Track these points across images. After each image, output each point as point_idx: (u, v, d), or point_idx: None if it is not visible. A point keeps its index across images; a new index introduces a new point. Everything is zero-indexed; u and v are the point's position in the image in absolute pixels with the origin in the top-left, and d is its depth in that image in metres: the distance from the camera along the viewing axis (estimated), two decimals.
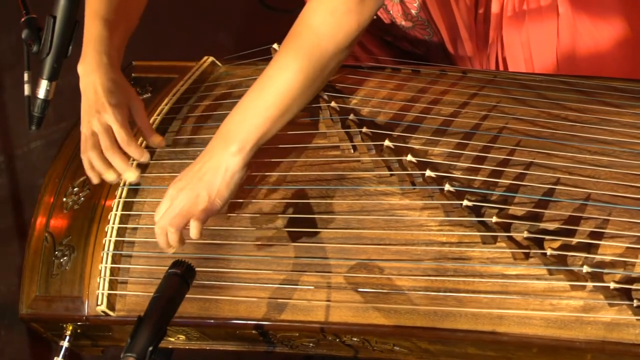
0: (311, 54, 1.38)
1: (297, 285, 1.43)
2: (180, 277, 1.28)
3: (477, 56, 1.80)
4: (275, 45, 1.56)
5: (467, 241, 1.37)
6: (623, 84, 1.50)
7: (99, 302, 1.52)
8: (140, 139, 1.61)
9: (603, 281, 1.26)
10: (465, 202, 1.35)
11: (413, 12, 1.73)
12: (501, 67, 1.78)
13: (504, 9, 1.72)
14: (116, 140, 1.53)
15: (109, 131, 1.52)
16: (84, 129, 1.54)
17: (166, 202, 1.44)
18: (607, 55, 1.69)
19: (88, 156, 1.53)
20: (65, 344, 1.58)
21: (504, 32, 1.74)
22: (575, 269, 1.28)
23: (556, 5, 1.69)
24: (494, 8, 1.73)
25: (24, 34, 1.50)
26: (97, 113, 1.52)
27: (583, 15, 1.68)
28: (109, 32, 1.56)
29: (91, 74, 1.53)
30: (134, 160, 1.57)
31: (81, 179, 1.64)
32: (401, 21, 1.77)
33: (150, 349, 1.20)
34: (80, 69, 1.55)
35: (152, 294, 1.27)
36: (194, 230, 1.41)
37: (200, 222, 1.41)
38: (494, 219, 1.33)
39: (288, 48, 1.39)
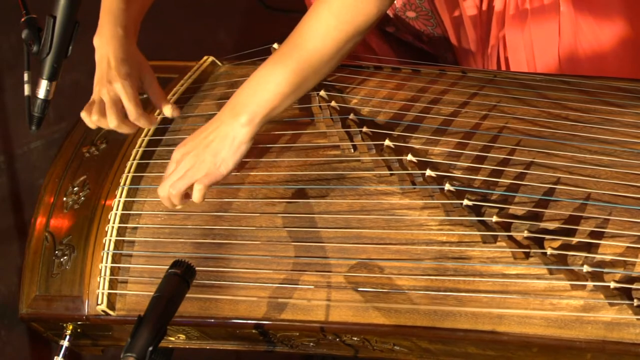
0: (327, 35, 1.38)
1: (297, 284, 1.43)
2: (180, 277, 1.28)
3: (480, 49, 1.80)
4: (275, 45, 1.56)
5: (467, 240, 1.37)
6: (626, 83, 1.50)
7: (99, 302, 1.52)
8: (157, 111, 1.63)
9: (603, 281, 1.26)
10: (465, 202, 1.35)
11: (417, 1, 1.73)
12: (503, 67, 1.78)
13: (507, 7, 1.72)
14: (122, 112, 1.54)
15: (117, 103, 1.53)
16: (94, 96, 1.55)
17: (171, 166, 1.46)
18: (609, 52, 1.69)
19: (91, 118, 1.54)
20: (65, 343, 1.58)
21: (506, 32, 1.74)
22: (576, 268, 1.28)
23: (558, 4, 1.69)
24: (497, 6, 1.73)
25: (24, 34, 1.50)
26: (108, 83, 1.53)
27: (585, 12, 1.68)
28: (125, 5, 1.57)
29: (106, 45, 1.55)
30: None
31: (81, 178, 1.64)
32: (405, 11, 1.77)
33: (150, 348, 1.20)
34: (96, 41, 1.56)
35: (152, 293, 1.27)
36: (197, 194, 1.43)
37: (204, 186, 1.43)
38: (494, 219, 1.33)
39: (306, 28, 1.40)
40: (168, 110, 1.60)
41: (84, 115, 1.55)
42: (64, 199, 1.63)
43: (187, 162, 1.44)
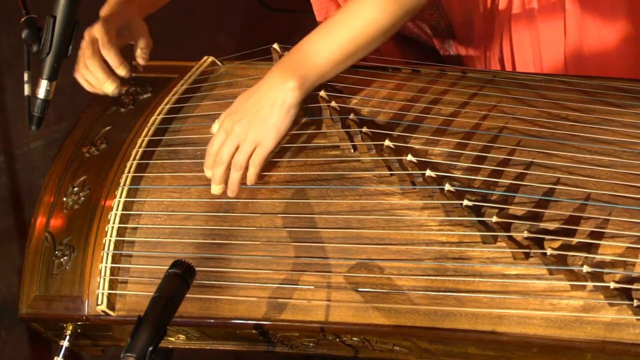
0: (386, 8, 1.41)
1: (297, 285, 1.43)
2: (180, 277, 1.28)
3: (484, 45, 1.79)
4: (275, 45, 1.56)
5: (467, 241, 1.37)
6: (625, 84, 1.50)
7: (99, 302, 1.52)
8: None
9: (603, 281, 1.26)
10: (465, 202, 1.35)
11: None
12: (508, 66, 1.77)
13: (511, 6, 1.72)
14: (99, 53, 1.57)
15: (94, 42, 1.57)
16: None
17: (221, 135, 1.47)
18: (614, 51, 1.69)
19: (78, 71, 1.59)
20: (65, 343, 1.58)
21: (513, 30, 1.74)
22: (576, 268, 1.28)
23: (563, 2, 1.69)
24: (501, 4, 1.73)
25: (24, 34, 1.50)
26: (89, 28, 1.58)
27: (591, 10, 1.68)
28: None
29: (104, 9, 1.61)
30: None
31: (81, 178, 1.64)
32: None
33: (150, 348, 1.20)
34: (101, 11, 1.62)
35: (152, 293, 1.27)
36: (252, 171, 1.46)
37: (259, 164, 1.46)
38: (494, 219, 1.33)
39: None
40: (139, 55, 1.64)
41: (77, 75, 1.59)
42: (64, 199, 1.63)
43: (238, 131, 1.44)
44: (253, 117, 1.44)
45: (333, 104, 1.51)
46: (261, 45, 1.59)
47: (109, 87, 1.59)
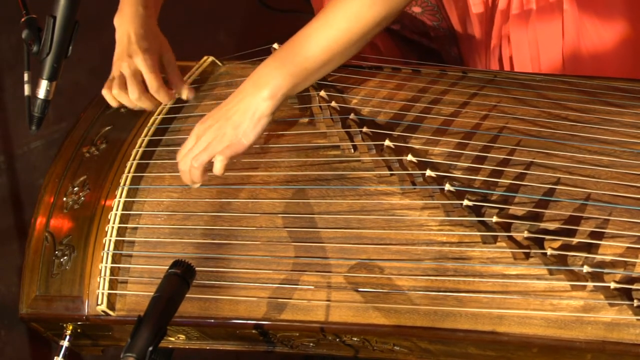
0: (360, 17, 1.40)
1: (297, 285, 1.43)
2: (180, 277, 1.28)
3: (485, 45, 1.80)
4: (275, 45, 1.56)
5: (467, 241, 1.37)
6: (625, 84, 1.50)
7: (99, 302, 1.52)
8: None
9: (603, 281, 1.26)
10: (465, 202, 1.35)
11: None
12: (507, 66, 1.77)
13: (510, 5, 1.72)
14: (144, 86, 1.57)
15: (137, 76, 1.57)
16: (114, 72, 1.58)
17: (192, 140, 1.47)
18: (611, 52, 1.69)
19: (112, 93, 1.57)
20: (65, 343, 1.58)
21: (511, 30, 1.74)
22: (576, 268, 1.28)
23: (562, 3, 1.69)
24: (501, 4, 1.73)
25: (24, 34, 1.50)
26: (128, 57, 1.57)
27: (589, 11, 1.68)
28: None
29: (126, 23, 1.59)
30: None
31: (81, 178, 1.64)
32: (411, 7, 1.77)
33: (150, 348, 1.20)
34: (116, 20, 1.60)
35: (152, 293, 1.27)
36: (218, 165, 1.44)
37: (225, 158, 1.44)
38: (494, 219, 1.33)
39: (339, 6, 1.41)
40: (184, 92, 1.63)
41: (105, 92, 1.58)
42: (64, 199, 1.63)
43: (208, 135, 1.45)
44: (224, 123, 1.44)
45: (333, 104, 1.51)
46: (261, 45, 1.59)
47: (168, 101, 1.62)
